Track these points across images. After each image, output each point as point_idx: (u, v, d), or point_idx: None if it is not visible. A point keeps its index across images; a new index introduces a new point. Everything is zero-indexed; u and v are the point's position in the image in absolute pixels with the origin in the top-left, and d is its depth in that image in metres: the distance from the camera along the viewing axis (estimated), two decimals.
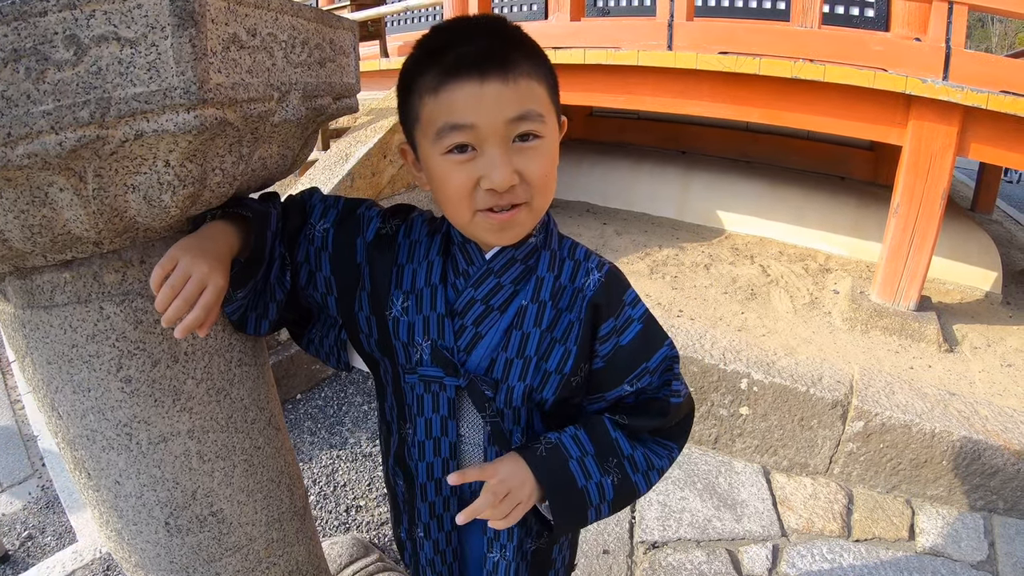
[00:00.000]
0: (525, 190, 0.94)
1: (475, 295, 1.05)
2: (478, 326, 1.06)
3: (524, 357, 1.05)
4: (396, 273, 1.09)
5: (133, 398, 1.08)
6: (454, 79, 0.89)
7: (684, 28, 3.93)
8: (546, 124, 0.95)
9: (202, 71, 0.80)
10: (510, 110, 0.89)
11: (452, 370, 1.05)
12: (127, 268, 1.04)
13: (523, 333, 1.05)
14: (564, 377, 1.06)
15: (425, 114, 0.94)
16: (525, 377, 1.05)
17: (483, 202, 0.93)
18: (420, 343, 1.06)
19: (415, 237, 1.11)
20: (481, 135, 0.90)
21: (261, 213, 1.07)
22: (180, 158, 0.88)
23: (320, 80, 1.09)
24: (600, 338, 1.08)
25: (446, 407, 1.10)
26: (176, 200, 0.92)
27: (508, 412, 1.08)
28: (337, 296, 1.13)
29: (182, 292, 0.90)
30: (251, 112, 0.91)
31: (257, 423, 1.28)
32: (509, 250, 1.04)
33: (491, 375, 1.06)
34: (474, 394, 1.06)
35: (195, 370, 1.14)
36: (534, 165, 0.93)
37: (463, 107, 0.89)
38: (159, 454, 1.13)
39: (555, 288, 1.06)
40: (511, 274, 1.05)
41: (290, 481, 1.39)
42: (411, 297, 1.07)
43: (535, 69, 0.94)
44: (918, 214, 3.41)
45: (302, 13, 1.01)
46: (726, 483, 2.80)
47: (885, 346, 3.32)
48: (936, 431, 2.61)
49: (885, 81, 3.24)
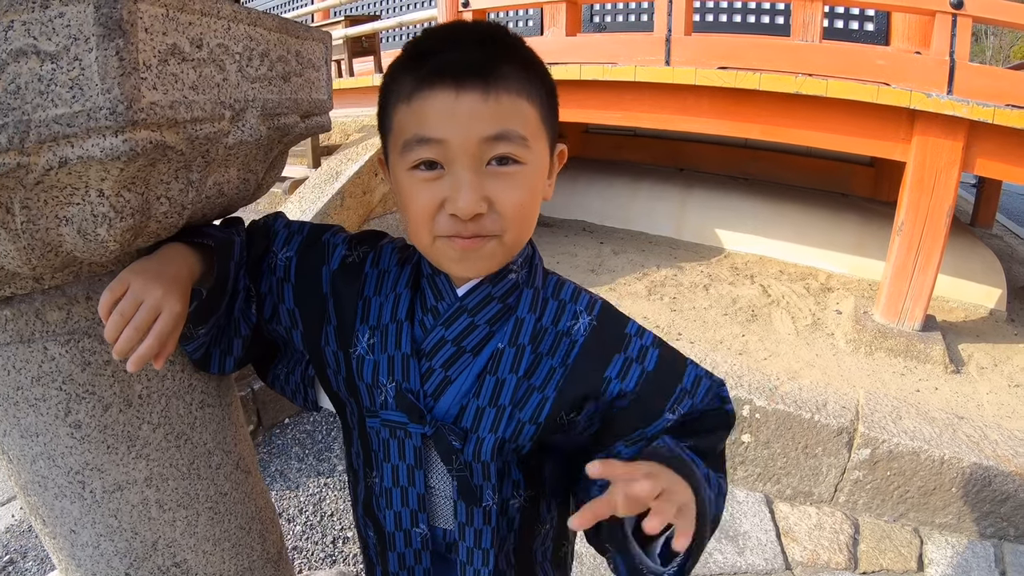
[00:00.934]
0: (495, 222, 0.83)
1: (445, 335, 0.94)
2: (447, 369, 0.95)
3: (497, 406, 0.93)
4: (362, 306, 0.98)
5: (84, 444, 1.00)
6: (428, 87, 0.79)
7: (682, 43, 3.86)
8: (530, 149, 0.84)
9: (131, 88, 0.69)
10: (486, 128, 0.79)
11: (417, 416, 0.95)
12: (72, 305, 0.95)
13: (497, 379, 0.93)
14: (539, 427, 0.94)
15: (396, 122, 0.84)
16: (497, 428, 0.94)
17: (445, 228, 0.83)
18: (384, 384, 0.96)
19: (384, 266, 1.01)
20: (450, 152, 0.80)
21: (223, 242, 0.97)
22: (115, 187, 0.78)
23: (284, 96, 1.00)
24: (617, 376, 0.94)
25: (412, 456, 0.98)
26: (113, 233, 0.82)
27: (477, 466, 0.96)
28: (303, 330, 1.03)
29: (133, 319, 0.81)
30: (197, 133, 0.81)
31: (223, 468, 1.19)
32: (485, 286, 0.93)
33: (460, 424, 0.94)
34: (440, 444, 0.95)
35: (151, 414, 1.05)
36: (509, 194, 0.82)
37: (434, 119, 0.79)
38: (115, 503, 1.05)
39: (536, 330, 0.95)
40: (486, 313, 0.94)
41: (262, 527, 1.30)
42: (377, 333, 0.96)
43: (526, 86, 0.83)
44: (923, 232, 3.33)
45: (261, 22, 0.91)
46: (727, 513, 2.69)
47: (890, 368, 3.22)
48: (945, 457, 2.52)
49: (889, 96, 3.17)
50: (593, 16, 6.24)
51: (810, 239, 4.67)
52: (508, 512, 1.01)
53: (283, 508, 2.82)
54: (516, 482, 1.00)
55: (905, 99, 3.13)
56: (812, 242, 4.66)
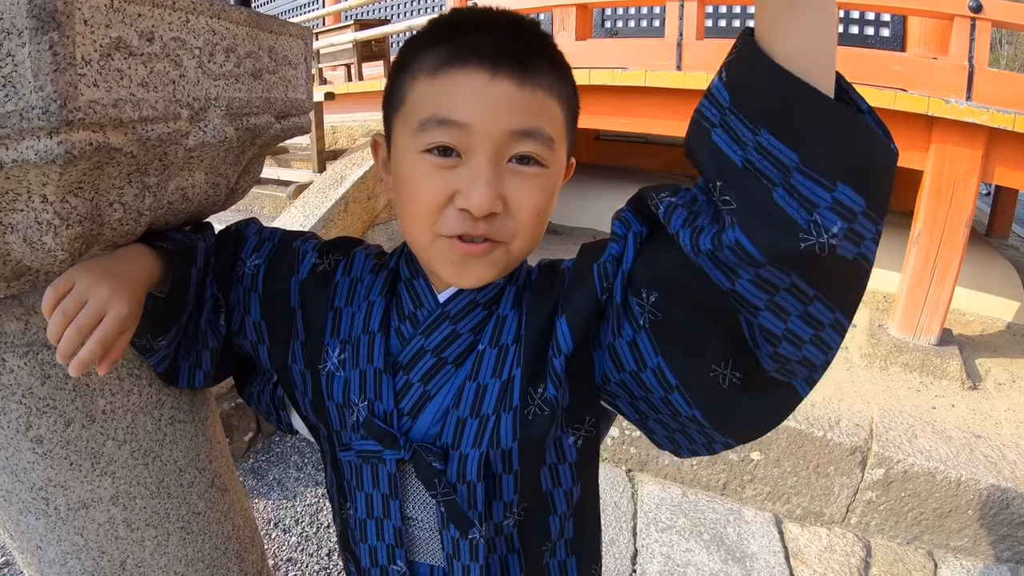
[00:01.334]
0: (507, 226, 0.75)
1: (425, 345, 0.84)
2: (427, 384, 0.84)
3: (480, 416, 0.82)
4: (333, 318, 0.90)
5: (46, 460, 0.95)
6: (459, 64, 0.72)
7: (694, 47, 3.79)
8: (554, 153, 0.77)
9: (66, 85, 0.63)
10: (517, 120, 0.72)
11: (390, 442, 0.84)
12: (29, 316, 0.90)
13: (478, 385, 0.82)
14: (515, 412, 0.81)
15: (413, 97, 0.76)
16: (481, 442, 0.81)
17: (451, 225, 0.74)
18: (356, 403, 0.86)
19: (356, 275, 0.92)
20: (473, 140, 0.72)
21: (184, 246, 0.90)
22: (59, 192, 0.71)
23: (254, 95, 0.93)
24: (561, 311, 0.80)
25: (386, 483, 0.87)
26: (60, 242, 0.76)
27: (463, 489, 0.83)
28: (269, 347, 0.95)
29: (76, 320, 0.74)
30: (148, 134, 0.75)
31: (195, 486, 1.12)
32: (470, 291, 0.84)
33: (440, 442, 0.83)
34: (420, 467, 0.83)
35: (115, 431, 0.99)
36: (527, 197, 0.75)
37: (462, 100, 0.72)
38: (80, 521, 0.99)
39: (519, 328, 0.85)
40: (470, 320, 0.85)
41: (240, 546, 1.24)
42: (348, 347, 0.87)
43: (558, 86, 0.77)
44: (940, 243, 3.24)
45: (227, 15, 0.84)
46: (735, 533, 2.60)
47: (906, 384, 3.12)
48: (962, 479, 2.44)
49: (906, 102, 3.08)
50: (604, 21, 6.18)
51: None
52: (503, 531, 0.89)
53: (280, 518, 2.78)
54: (507, 503, 0.87)
55: (923, 105, 3.04)
56: None
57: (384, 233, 4.30)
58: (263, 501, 2.89)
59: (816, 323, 0.61)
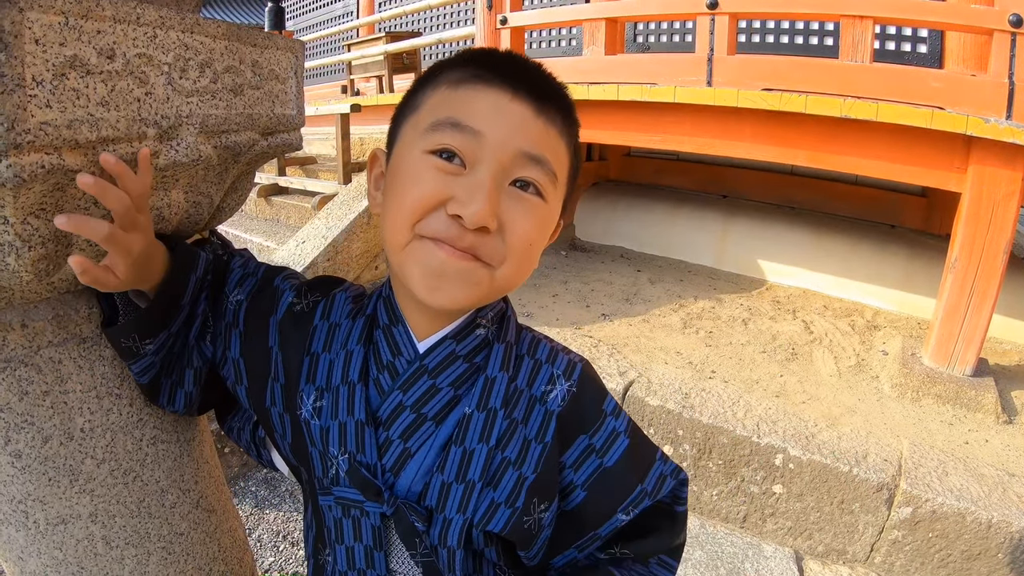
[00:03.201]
0: (497, 249, 0.73)
1: (403, 400, 0.82)
2: (407, 440, 0.82)
3: (465, 482, 0.80)
4: (309, 364, 0.87)
5: (25, 474, 0.93)
6: (483, 82, 0.74)
7: (725, 63, 3.71)
8: (555, 190, 0.78)
9: (14, 107, 0.60)
10: (529, 143, 0.73)
11: (373, 493, 0.81)
12: (7, 332, 0.88)
13: (464, 450, 0.80)
14: (516, 513, 0.81)
15: (431, 103, 0.77)
16: (466, 508, 0.80)
17: (436, 229, 0.72)
18: (335, 456, 0.83)
19: (335, 319, 0.89)
20: (481, 151, 0.72)
21: (187, 250, 0.89)
22: (19, 214, 0.69)
23: (233, 111, 0.89)
24: (571, 464, 0.84)
25: (370, 536, 0.85)
26: (23, 263, 0.73)
27: (443, 552, 0.82)
28: (247, 385, 0.92)
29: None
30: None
31: (179, 507, 1.10)
32: (449, 343, 0.82)
33: (423, 503, 0.81)
34: (401, 525, 0.81)
35: (95, 449, 0.97)
36: (524, 222, 0.74)
37: (479, 110, 0.73)
38: (59, 536, 0.98)
39: (508, 393, 0.83)
40: (450, 374, 0.82)
41: (225, 567, 1.21)
42: (326, 396, 0.84)
43: (568, 134, 0.80)
44: (978, 269, 3.10)
45: (201, 29, 0.81)
46: (753, 570, 2.51)
47: (938, 417, 3.00)
48: (993, 520, 2.31)
49: (943, 121, 2.97)
50: (637, 36, 6.13)
51: (857, 273, 4.46)
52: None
53: (289, 531, 2.77)
54: (495, 564, 0.87)
55: (961, 124, 2.92)
56: (859, 276, 4.44)
57: None
58: (274, 512, 2.87)
59: None
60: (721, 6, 3.63)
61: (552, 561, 0.88)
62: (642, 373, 3.03)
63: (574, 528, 0.86)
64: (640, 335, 3.70)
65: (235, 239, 4.90)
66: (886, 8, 3.27)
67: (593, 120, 4.12)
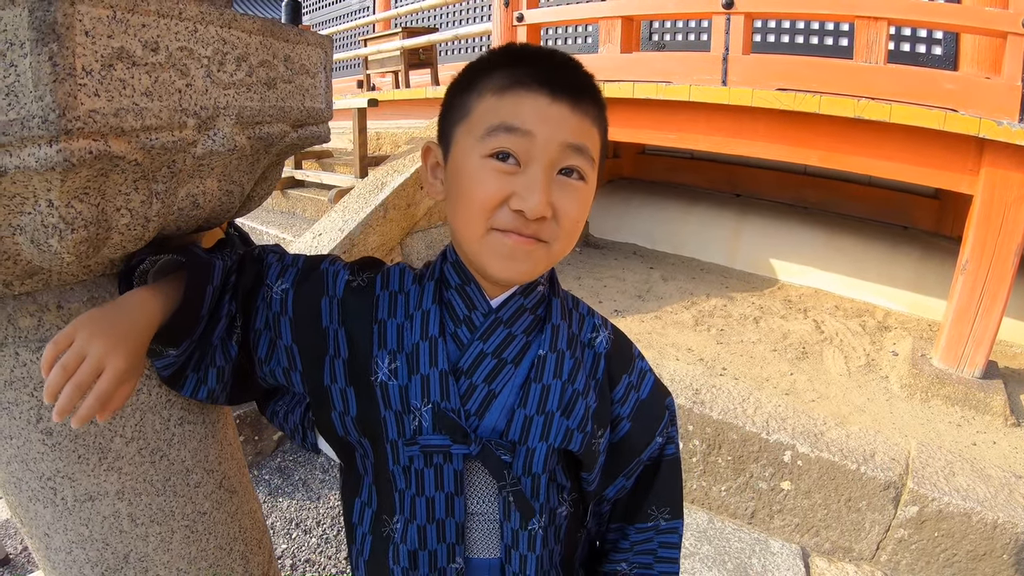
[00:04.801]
0: (552, 229, 0.85)
1: (484, 348, 0.92)
2: (491, 383, 0.92)
3: (545, 413, 0.92)
4: (378, 331, 0.94)
5: (55, 452, 0.97)
6: (524, 88, 0.83)
7: (740, 62, 3.72)
8: (593, 170, 0.88)
9: (65, 95, 0.64)
10: (571, 135, 0.83)
11: (461, 436, 0.91)
12: (43, 313, 0.92)
13: (543, 386, 0.92)
14: (587, 436, 0.95)
15: (480, 110, 0.85)
16: (548, 436, 0.92)
17: (505, 221, 0.83)
18: (418, 408, 0.91)
19: (394, 288, 0.97)
20: (533, 149, 0.82)
21: (201, 263, 0.92)
22: (64, 197, 0.72)
23: (267, 104, 0.93)
24: (618, 400, 1.01)
25: (452, 482, 0.93)
26: (66, 245, 0.77)
27: (527, 481, 0.93)
28: (302, 370, 0.98)
29: (75, 376, 0.77)
30: (153, 143, 0.75)
31: (203, 487, 1.14)
32: (518, 298, 0.94)
33: (507, 437, 0.92)
34: (489, 461, 0.92)
35: (124, 428, 1.00)
36: (571, 205, 0.85)
37: (526, 114, 0.82)
38: (86, 512, 1.02)
39: (570, 336, 0.97)
40: (521, 324, 0.94)
41: (245, 548, 1.25)
42: (400, 356, 0.92)
43: (599, 121, 0.90)
44: (988, 271, 3.10)
45: (238, 24, 0.84)
46: (760, 565, 2.52)
47: (946, 418, 3.00)
48: (999, 521, 2.32)
49: (956, 123, 2.97)
50: (652, 35, 6.13)
51: (869, 273, 4.46)
52: (556, 521, 1.00)
53: (302, 519, 2.80)
54: (562, 487, 1.00)
55: (974, 127, 2.92)
56: (870, 277, 4.44)
57: (423, 241, 4.32)
58: (287, 500, 2.91)
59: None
60: (737, 5, 3.63)
61: (605, 492, 1.04)
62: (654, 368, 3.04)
63: (624, 456, 1.02)
64: (652, 331, 3.72)
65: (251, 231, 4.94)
66: (901, 9, 3.27)
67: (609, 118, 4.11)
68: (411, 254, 4.23)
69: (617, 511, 1.08)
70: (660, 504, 1.05)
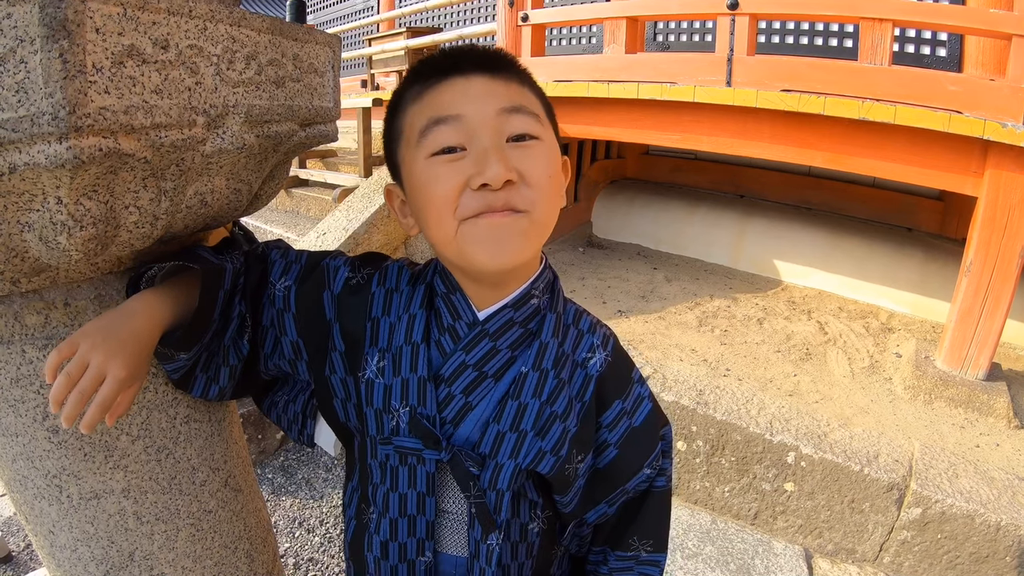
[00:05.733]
0: (526, 194, 0.81)
1: (466, 360, 0.91)
2: (468, 395, 0.92)
3: (518, 431, 0.91)
4: (371, 328, 0.94)
5: (61, 449, 0.98)
6: (438, 78, 0.83)
7: (744, 63, 3.71)
8: (543, 127, 0.86)
9: (75, 92, 0.64)
10: (499, 101, 0.81)
11: (432, 442, 0.91)
12: (50, 311, 0.92)
13: (520, 404, 0.91)
14: (559, 460, 0.92)
15: (408, 121, 0.85)
16: (517, 454, 0.91)
17: (473, 206, 0.80)
18: (396, 409, 0.91)
19: (391, 285, 0.97)
20: (470, 128, 0.80)
21: (213, 269, 0.92)
22: (72, 195, 0.72)
23: (276, 103, 0.93)
24: (607, 425, 0.98)
25: (424, 483, 0.94)
26: (74, 242, 0.77)
27: (492, 495, 0.93)
28: (308, 360, 0.99)
29: (78, 384, 0.78)
30: (162, 141, 0.75)
31: (208, 485, 1.14)
32: (507, 311, 0.91)
33: (479, 450, 0.92)
34: (457, 470, 0.92)
35: (130, 426, 1.01)
36: (533, 164, 0.82)
37: (449, 100, 0.81)
38: (91, 510, 1.02)
39: (558, 356, 0.93)
40: (508, 338, 0.92)
41: (250, 546, 1.26)
42: (387, 356, 0.93)
43: (529, 85, 0.88)
44: (992, 273, 3.09)
45: (248, 22, 0.84)
46: (763, 566, 2.52)
47: (949, 420, 3.00)
48: (1002, 523, 2.32)
49: (961, 125, 2.96)
50: (657, 35, 6.12)
51: (872, 275, 4.45)
52: (527, 538, 0.99)
53: (305, 517, 2.81)
54: (533, 503, 0.99)
55: (978, 128, 2.91)
56: (874, 278, 4.43)
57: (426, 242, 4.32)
58: (290, 499, 2.91)
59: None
60: (741, 6, 3.63)
61: (585, 516, 1.02)
62: (657, 369, 3.05)
63: (607, 484, 0.99)
64: (656, 332, 3.71)
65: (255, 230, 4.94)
66: (905, 11, 3.26)
67: (613, 118, 4.14)
68: (415, 254, 4.23)
69: (600, 535, 1.06)
70: (643, 536, 1.03)
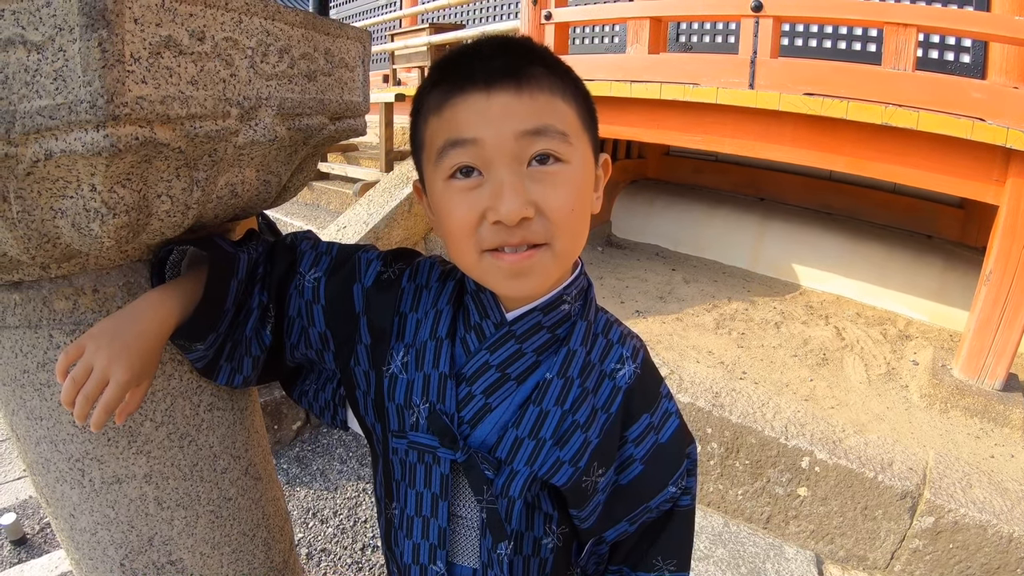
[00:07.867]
0: (544, 227, 0.77)
1: (490, 360, 0.89)
2: (489, 396, 0.89)
3: (537, 438, 0.87)
4: (398, 323, 0.94)
5: (85, 433, 0.99)
6: (459, 92, 0.77)
7: (767, 66, 3.70)
8: (572, 147, 0.79)
9: (114, 81, 0.65)
10: (521, 122, 0.75)
11: (449, 440, 0.89)
12: (78, 296, 0.93)
13: (541, 410, 0.87)
14: (577, 472, 0.88)
15: (429, 135, 0.82)
16: (533, 462, 0.87)
17: (490, 239, 0.78)
18: (417, 405, 0.90)
19: (421, 281, 0.96)
20: (487, 153, 0.75)
21: (225, 257, 0.93)
22: (107, 182, 0.74)
23: (307, 96, 0.94)
24: (634, 439, 0.93)
25: (438, 484, 0.92)
26: (107, 230, 0.78)
27: (503, 502, 0.89)
28: (335, 351, 0.99)
29: (83, 388, 0.81)
30: (197, 131, 0.77)
31: (229, 472, 1.15)
32: (536, 314, 0.88)
33: (495, 454, 0.89)
34: (471, 473, 0.89)
35: (154, 412, 1.02)
36: (554, 194, 0.77)
37: (465, 121, 0.76)
38: (112, 495, 1.03)
39: (585, 364, 0.90)
40: (535, 342, 0.89)
41: (268, 534, 1.27)
42: (411, 351, 0.92)
43: (559, 85, 0.80)
44: (1012, 283, 3.05)
45: (282, 16, 0.85)
46: (774, 570, 2.52)
47: (965, 429, 2.97)
48: (1014, 535, 2.30)
49: (983, 132, 2.93)
50: (679, 36, 6.10)
51: (891, 282, 4.41)
52: (540, 553, 0.95)
53: (319, 508, 2.83)
54: (548, 516, 0.94)
55: (1001, 136, 2.88)
56: (893, 285, 4.40)
57: None
58: (304, 490, 2.93)
59: None
60: (766, 8, 3.61)
61: (604, 534, 0.96)
62: (674, 370, 3.04)
63: (630, 500, 0.94)
64: (673, 333, 3.71)
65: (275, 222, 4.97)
66: (930, 17, 3.24)
67: (634, 118, 4.13)
68: (435, 249, 4.25)
69: (619, 553, 1.00)
70: (667, 556, 0.98)
